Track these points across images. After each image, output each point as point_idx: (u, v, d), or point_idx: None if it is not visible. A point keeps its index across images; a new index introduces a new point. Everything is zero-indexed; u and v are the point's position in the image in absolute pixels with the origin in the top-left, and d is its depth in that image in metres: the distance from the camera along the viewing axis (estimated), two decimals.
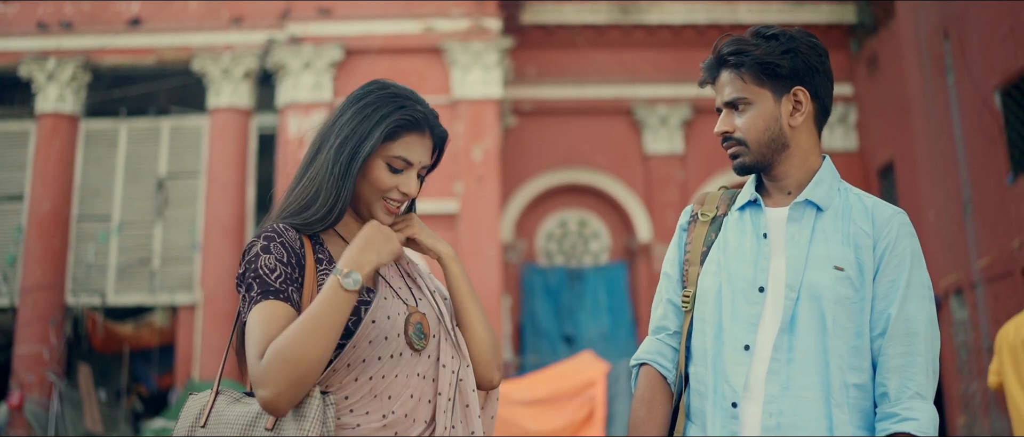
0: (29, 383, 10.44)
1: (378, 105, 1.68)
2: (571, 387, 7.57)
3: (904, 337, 1.67)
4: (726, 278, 1.77)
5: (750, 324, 1.72)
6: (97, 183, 11.46)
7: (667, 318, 1.88)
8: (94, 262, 11.20)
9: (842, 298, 1.68)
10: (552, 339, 12.14)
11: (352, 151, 1.64)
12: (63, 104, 11.37)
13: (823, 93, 1.84)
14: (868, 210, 1.76)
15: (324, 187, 1.63)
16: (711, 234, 1.85)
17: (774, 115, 1.78)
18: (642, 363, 1.88)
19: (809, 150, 1.82)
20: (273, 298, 1.52)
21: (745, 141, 1.79)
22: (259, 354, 1.47)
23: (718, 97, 1.83)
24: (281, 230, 1.61)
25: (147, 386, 11.72)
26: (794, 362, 1.68)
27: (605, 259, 12.61)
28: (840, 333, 1.68)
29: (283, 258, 1.57)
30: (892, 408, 1.65)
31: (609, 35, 12.73)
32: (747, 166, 1.81)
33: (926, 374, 1.67)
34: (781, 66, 1.77)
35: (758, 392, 1.69)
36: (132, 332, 11.20)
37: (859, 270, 1.71)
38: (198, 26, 11.35)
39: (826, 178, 1.80)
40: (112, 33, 11.31)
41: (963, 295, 9.44)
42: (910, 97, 10.58)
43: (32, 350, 10.63)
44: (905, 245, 1.72)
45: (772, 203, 1.82)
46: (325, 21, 11.20)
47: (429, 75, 11.02)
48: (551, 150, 12.53)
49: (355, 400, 1.55)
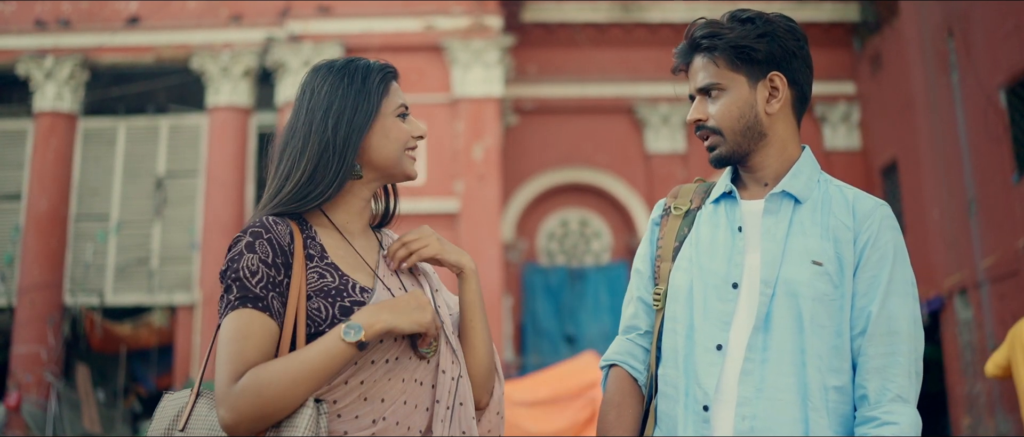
0: (27, 384, 10.40)
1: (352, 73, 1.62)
2: (573, 388, 7.51)
3: (885, 336, 1.58)
4: (698, 274, 1.68)
5: (722, 322, 1.63)
6: (95, 182, 11.42)
7: (638, 317, 1.79)
8: (92, 262, 11.15)
9: (820, 295, 1.59)
10: (553, 339, 12.09)
11: (349, 120, 1.57)
12: (61, 102, 11.32)
13: (801, 80, 1.72)
14: (849, 202, 1.67)
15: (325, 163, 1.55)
16: (684, 228, 1.76)
17: (749, 102, 1.69)
18: (611, 364, 1.80)
19: (787, 139, 1.72)
20: (251, 306, 1.44)
21: (719, 129, 1.70)
22: (231, 375, 1.40)
23: (691, 83, 1.75)
24: (270, 225, 1.51)
25: (146, 386, 11.67)
26: (769, 362, 1.58)
27: (606, 259, 12.56)
28: (818, 332, 1.58)
29: (268, 258, 1.48)
30: (871, 412, 1.55)
31: (610, 33, 12.68)
32: (723, 157, 1.72)
33: (908, 376, 1.57)
34: (756, 50, 1.67)
35: (731, 394, 1.59)
36: (131, 332, 11.17)
37: (839, 265, 1.61)
38: (197, 24, 11.30)
39: (805, 169, 1.71)
40: (110, 31, 11.26)
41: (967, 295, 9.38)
42: (914, 96, 10.53)
43: (30, 350, 10.58)
44: (887, 239, 1.63)
45: (748, 195, 1.73)
46: (325, 19, 11.15)
47: (429, 73, 10.97)
48: (552, 149, 12.48)
49: (343, 405, 1.47)
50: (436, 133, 10.84)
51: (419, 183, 10.59)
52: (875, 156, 12.11)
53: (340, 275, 1.52)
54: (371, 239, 1.67)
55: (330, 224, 1.60)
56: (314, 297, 1.48)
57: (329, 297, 1.49)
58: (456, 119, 10.87)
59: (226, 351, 1.42)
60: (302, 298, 1.48)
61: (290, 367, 1.39)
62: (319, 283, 1.50)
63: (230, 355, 1.41)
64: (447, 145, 10.86)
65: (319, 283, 1.50)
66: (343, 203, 1.62)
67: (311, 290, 1.49)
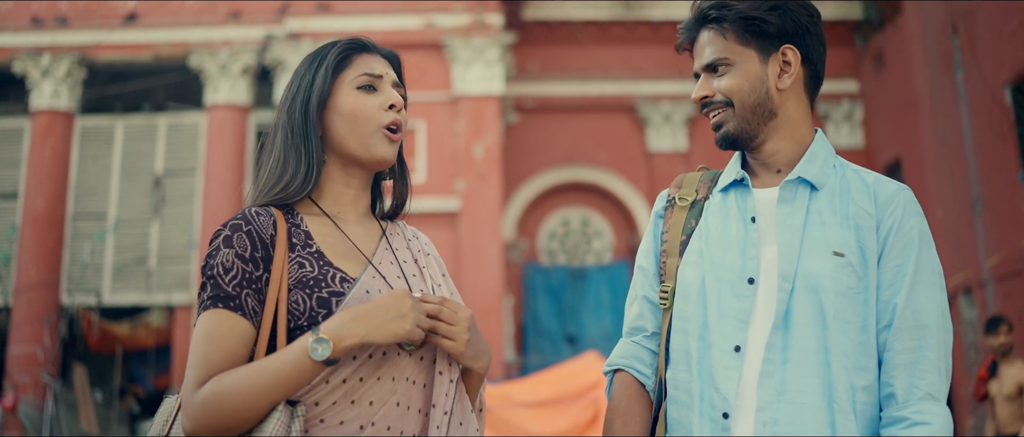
0: (23, 384, 10.33)
1: (316, 53, 1.55)
2: (575, 388, 7.43)
3: (913, 330, 1.47)
4: (710, 269, 1.56)
5: (739, 321, 1.51)
6: (93, 181, 11.35)
7: (643, 317, 1.67)
8: (90, 261, 11.08)
9: (844, 288, 1.48)
10: (554, 339, 12.03)
11: (304, 101, 1.50)
12: (58, 101, 11.25)
13: (815, 57, 1.62)
14: (869, 187, 1.57)
15: (291, 149, 1.48)
16: (691, 221, 1.64)
17: (760, 76, 1.58)
18: (616, 369, 1.67)
19: (799, 121, 1.62)
20: (222, 306, 1.36)
21: (730, 100, 1.59)
22: (195, 381, 1.33)
23: (696, 61, 1.64)
24: (251, 216, 1.43)
25: (144, 387, 11.62)
26: (790, 363, 1.47)
27: (608, 258, 12.49)
28: (843, 328, 1.47)
29: (245, 252, 1.39)
30: (900, 411, 1.44)
31: (612, 31, 12.61)
32: (731, 135, 1.60)
33: (938, 372, 1.46)
34: (768, 22, 1.57)
35: (750, 398, 1.48)
36: (128, 332, 11.11)
37: (862, 255, 1.50)
38: (195, 22, 11.23)
39: (820, 153, 1.60)
40: (108, 28, 11.18)
41: (972, 294, 9.32)
42: (917, 94, 10.47)
43: (26, 350, 10.52)
44: (912, 225, 1.53)
45: (759, 184, 1.62)
46: (324, 16, 11.08)
47: (430, 71, 10.90)
48: (553, 147, 12.42)
49: (326, 407, 1.35)
50: (436, 131, 10.78)
51: (419, 181, 10.52)
52: (878, 155, 12.05)
53: (321, 264, 1.42)
54: (370, 228, 1.56)
55: (321, 212, 1.51)
56: (294, 289, 1.39)
57: (307, 288, 1.39)
58: (457, 117, 10.81)
59: (193, 355, 1.35)
60: (284, 290, 1.39)
61: (253, 379, 1.30)
62: (299, 273, 1.40)
63: (195, 360, 1.34)
64: (448, 144, 10.80)
65: (299, 273, 1.40)
66: (330, 191, 1.52)
67: (292, 281, 1.40)
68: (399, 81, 1.57)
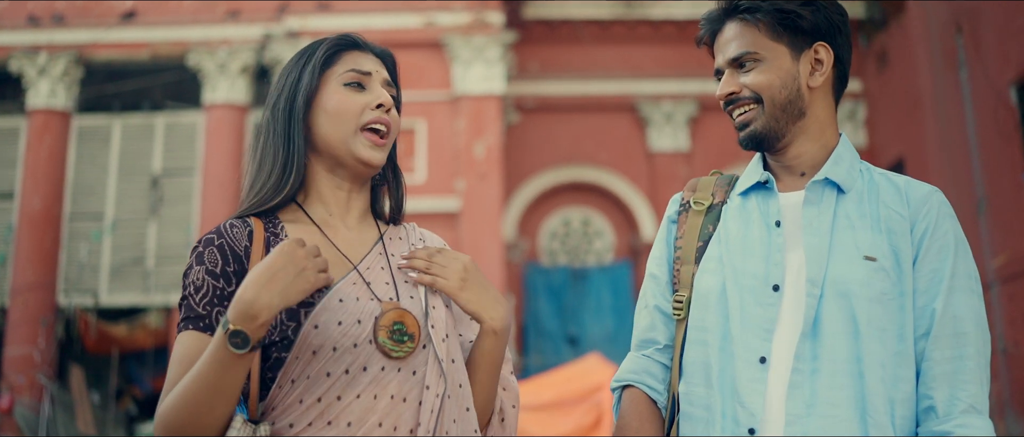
0: (19, 385, 10.26)
1: (304, 50, 1.48)
2: (578, 391, 7.38)
3: (952, 338, 1.40)
4: (731, 276, 1.48)
5: (764, 331, 1.42)
6: (90, 180, 11.28)
7: (655, 329, 1.59)
8: (87, 261, 11.01)
9: (878, 294, 1.40)
10: (555, 340, 11.98)
11: (289, 99, 1.42)
12: (55, 100, 11.17)
13: (845, 57, 1.57)
14: (900, 189, 1.50)
15: (270, 148, 1.41)
16: (708, 226, 1.56)
17: (791, 73, 1.51)
18: (625, 385, 1.58)
19: (825, 122, 1.56)
20: (193, 328, 1.31)
21: (759, 96, 1.51)
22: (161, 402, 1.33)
23: (719, 56, 1.55)
24: (225, 229, 1.38)
25: (141, 388, 11.57)
26: (820, 373, 1.38)
27: (609, 258, 12.43)
28: (879, 337, 1.39)
29: (216, 267, 1.33)
30: (941, 426, 1.36)
31: (613, 30, 12.55)
32: (759, 134, 1.52)
33: (979, 383, 1.39)
34: (802, 17, 1.50)
35: (777, 412, 1.39)
36: (126, 333, 11.06)
37: (895, 260, 1.43)
38: (193, 20, 11.16)
39: (846, 156, 1.54)
40: (105, 27, 11.10)
41: None
42: (921, 93, 10.42)
43: (22, 352, 10.44)
44: (947, 227, 1.48)
45: (782, 187, 1.55)
46: (323, 15, 11.01)
47: (430, 70, 10.84)
48: (554, 147, 12.36)
49: (302, 428, 1.26)
50: (437, 131, 10.72)
51: (419, 181, 10.47)
52: (882, 154, 11.99)
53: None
54: (365, 232, 1.47)
55: (307, 218, 1.43)
56: None
57: None
58: (457, 117, 10.75)
59: (168, 376, 1.31)
60: None
61: (186, 387, 1.24)
62: None
63: (168, 383, 1.30)
64: (448, 143, 10.74)
65: None
66: (316, 195, 1.45)
67: None
68: (392, 80, 1.50)
